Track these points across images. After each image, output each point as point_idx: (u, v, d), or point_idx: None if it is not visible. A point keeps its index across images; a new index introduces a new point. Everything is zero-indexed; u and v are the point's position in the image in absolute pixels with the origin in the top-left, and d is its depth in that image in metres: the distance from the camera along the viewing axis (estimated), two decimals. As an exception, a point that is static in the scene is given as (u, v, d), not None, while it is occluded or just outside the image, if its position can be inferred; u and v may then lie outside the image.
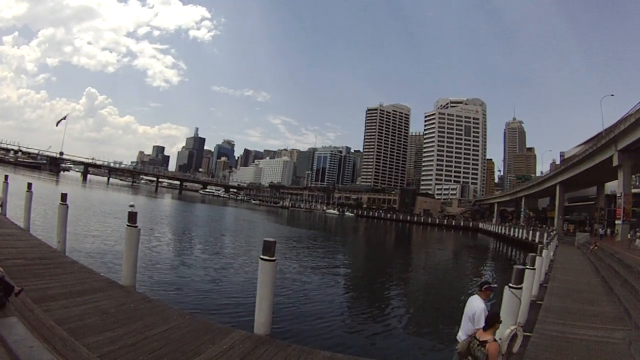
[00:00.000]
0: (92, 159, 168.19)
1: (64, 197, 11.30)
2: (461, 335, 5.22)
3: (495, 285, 5.52)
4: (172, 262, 17.68)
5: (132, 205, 9.70)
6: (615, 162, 42.89)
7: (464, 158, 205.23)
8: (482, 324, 4.82)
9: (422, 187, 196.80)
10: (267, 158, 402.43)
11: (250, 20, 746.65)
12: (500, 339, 5.83)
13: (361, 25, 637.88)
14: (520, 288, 6.89)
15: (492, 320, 4.71)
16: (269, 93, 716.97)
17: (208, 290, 13.59)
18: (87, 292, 7.07)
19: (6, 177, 16.74)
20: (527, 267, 10.37)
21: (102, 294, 7.13)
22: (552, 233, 40.46)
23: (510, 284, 6.79)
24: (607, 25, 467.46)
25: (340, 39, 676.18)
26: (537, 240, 40.94)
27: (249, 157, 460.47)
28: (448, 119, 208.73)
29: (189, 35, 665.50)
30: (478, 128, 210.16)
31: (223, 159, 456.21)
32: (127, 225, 8.68)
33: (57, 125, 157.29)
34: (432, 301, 18.02)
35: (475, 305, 5.12)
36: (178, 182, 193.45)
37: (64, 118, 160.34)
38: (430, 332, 12.68)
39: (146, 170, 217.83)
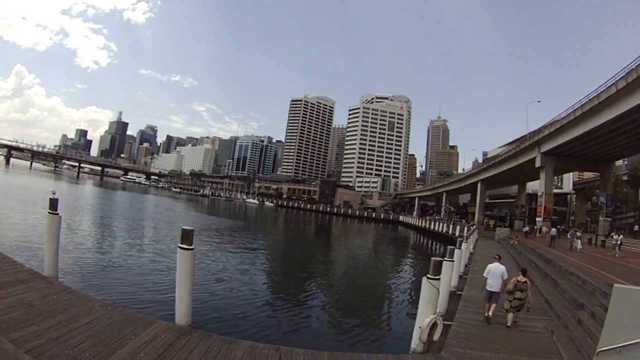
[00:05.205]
0: (16, 141, 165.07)
1: (-15, 184, 10.75)
2: (495, 285, 9.72)
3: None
4: (93, 252, 17.88)
5: (53, 192, 9.05)
6: (538, 164, 46.74)
7: (387, 152, 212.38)
8: (507, 276, 9.73)
9: (343, 179, 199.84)
10: (190, 145, 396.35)
11: (186, 4, 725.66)
12: (420, 327, 6.94)
13: (294, 16, 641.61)
14: (438, 279, 7.27)
15: (525, 270, 9.59)
16: (196, 79, 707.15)
17: (129, 280, 13.87)
18: (11, 284, 7.07)
19: None
20: (446, 259, 10.97)
21: (25, 285, 7.13)
22: (472, 227, 41.98)
23: (428, 275, 7.14)
24: (536, 35, 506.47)
25: (272, 29, 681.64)
26: (457, 234, 42.33)
27: (172, 143, 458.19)
28: (372, 113, 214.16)
29: (123, 16, 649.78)
30: (402, 124, 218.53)
31: (145, 145, 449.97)
32: (48, 212, 8.43)
33: None
34: (351, 289, 19.09)
35: (502, 267, 9.89)
36: (100, 168, 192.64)
37: None
38: (349, 318, 13.42)
39: (68, 155, 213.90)
